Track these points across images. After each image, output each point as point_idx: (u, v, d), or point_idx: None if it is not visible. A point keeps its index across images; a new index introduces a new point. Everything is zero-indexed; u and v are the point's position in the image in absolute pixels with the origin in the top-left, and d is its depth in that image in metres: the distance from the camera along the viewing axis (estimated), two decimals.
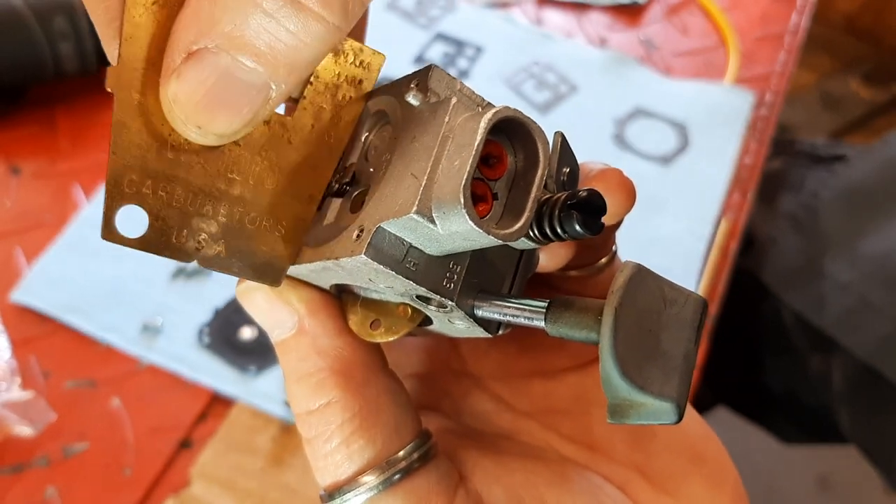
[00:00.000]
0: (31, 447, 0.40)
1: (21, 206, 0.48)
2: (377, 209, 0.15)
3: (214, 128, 0.15)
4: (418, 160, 0.15)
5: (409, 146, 0.16)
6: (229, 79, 0.14)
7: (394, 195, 0.15)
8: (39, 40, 0.49)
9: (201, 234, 0.16)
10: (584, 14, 0.61)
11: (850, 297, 0.48)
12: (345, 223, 0.16)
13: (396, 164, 0.16)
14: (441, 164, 0.14)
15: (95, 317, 0.44)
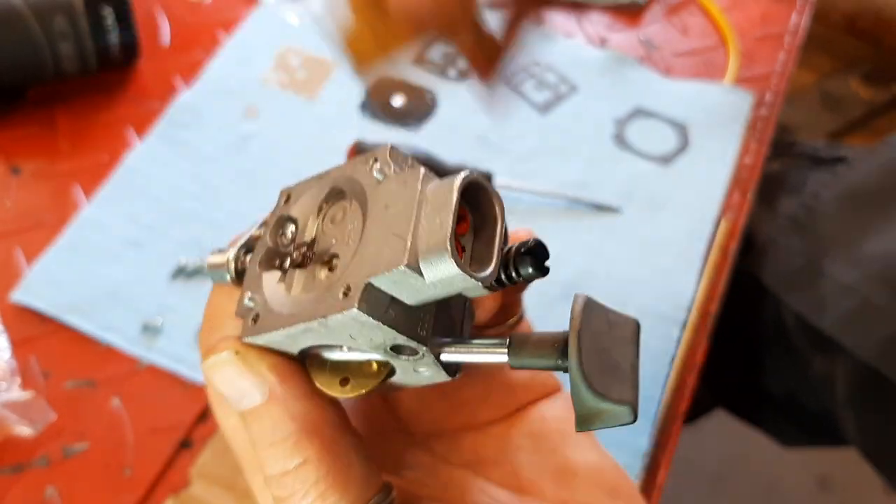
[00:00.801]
0: (30, 447, 0.40)
1: (21, 206, 0.48)
2: (360, 268, 0.17)
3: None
4: (398, 222, 0.17)
5: (382, 212, 0.18)
6: None
7: (377, 254, 0.17)
8: (39, 40, 0.49)
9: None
10: (584, 14, 0.61)
11: (852, 298, 0.47)
12: (316, 289, 0.19)
13: (372, 228, 0.18)
14: (421, 224, 0.17)
15: (95, 317, 0.44)
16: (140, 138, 0.51)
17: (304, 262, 0.20)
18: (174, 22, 0.57)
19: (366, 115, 0.54)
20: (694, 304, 0.47)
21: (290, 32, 0.57)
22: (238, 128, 0.52)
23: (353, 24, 0.24)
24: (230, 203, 0.49)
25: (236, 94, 0.54)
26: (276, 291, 0.19)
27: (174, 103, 0.53)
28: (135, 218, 0.48)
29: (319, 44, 0.57)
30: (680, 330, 0.46)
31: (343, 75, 0.55)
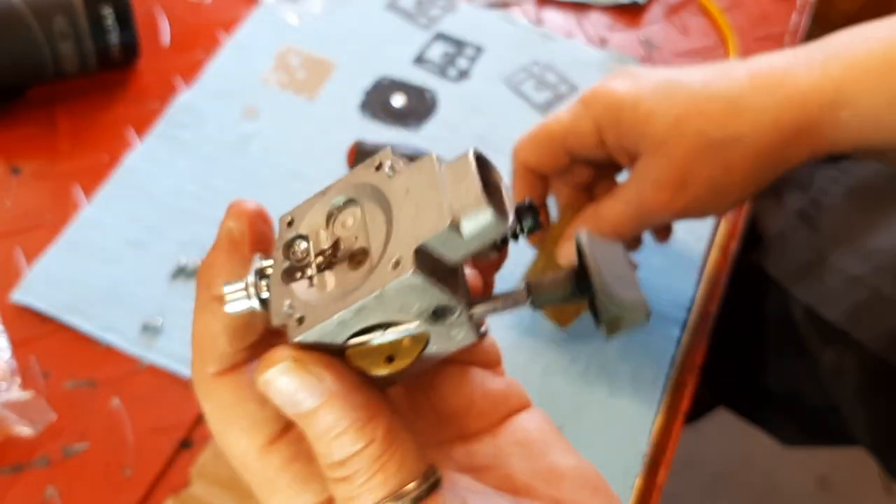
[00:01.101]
0: (30, 447, 0.40)
1: (21, 205, 0.48)
2: (402, 243, 0.19)
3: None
4: (426, 198, 0.19)
5: (406, 197, 0.20)
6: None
7: (416, 227, 0.19)
8: (39, 40, 0.49)
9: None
10: (584, 14, 0.61)
11: (862, 290, 0.47)
12: (354, 281, 0.20)
13: (400, 211, 0.20)
14: (448, 193, 0.19)
15: (95, 317, 0.44)
16: (140, 138, 0.51)
17: (331, 264, 0.20)
18: (174, 22, 0.57)
19: (366, 115, 0.54)
20: (694, 305, 0.47)
21: (290, 32, 0.57)
22: (238, 128, 0.52)
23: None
24: (230, 203, 0.49)
25: (236, 93, 0.54)
26: (312, 294, 0.20)
27: (174, 103, 0.53)
28: (135, 218, 0.48)
29: (319, 44, 0.57)
30: (680, 330, 0.46)
31: (343, 75, 0.56)
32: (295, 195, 0.56)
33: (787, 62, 0.37)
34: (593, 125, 0.38)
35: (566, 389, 0.44)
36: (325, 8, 0.59)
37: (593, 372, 0.44)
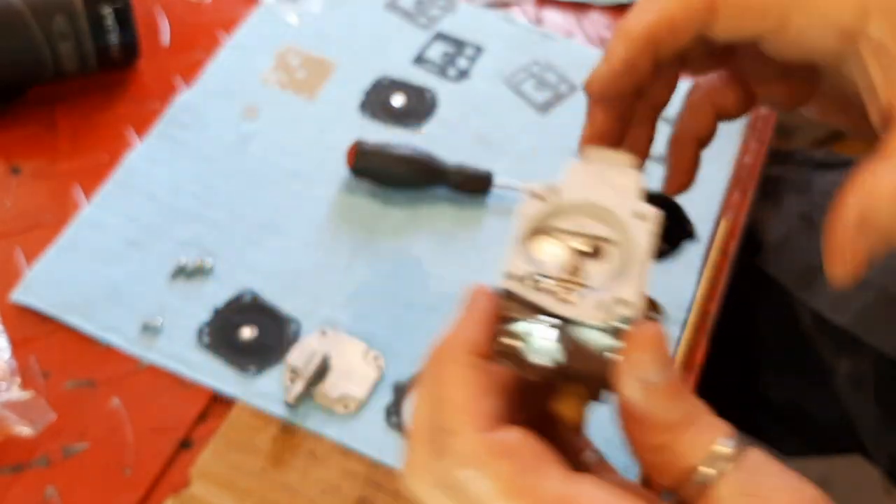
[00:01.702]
0: (30, 447, 0.40)
1: (21, 205, 0.48)
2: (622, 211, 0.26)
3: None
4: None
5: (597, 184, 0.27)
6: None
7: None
8: (39, 40, 0.49)
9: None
10: (584, 14, 0.61)
11: (869, 292, 0.47)
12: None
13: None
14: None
15: (95, 317, 0.44)
16: (140, 138, 0.51)
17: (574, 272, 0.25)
18: (174, 22, 0.57)
19: (365, 115, 0.54)
20: (694, 304, 0.47)
21: (290, 32, 0.57)
22: (238, 127, 0.52)
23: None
24: (230, 203, 0.49)
25: (236, 93, 0.54)
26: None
27: (174, 103, 0.53)
28: (135, 218, 0.48)
29: (319, 43, 0.57)
30: (680, 330, 0.46)
31: (343, 75, 0.56)
32: (295, 195, 0.56)
33: None
34: (861, 4, 0.24)
35: None
36: (324, 8, 0.59)
37: None
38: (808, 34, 0.25)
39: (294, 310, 0.45)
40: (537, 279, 0.24)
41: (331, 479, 0.40)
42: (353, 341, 0.44)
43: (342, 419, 0.41)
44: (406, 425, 0.25)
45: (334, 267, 0.47)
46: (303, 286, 0.46)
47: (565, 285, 0.24)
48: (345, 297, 0.46)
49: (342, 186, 0.50)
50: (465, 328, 0.24)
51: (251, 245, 0.47)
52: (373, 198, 0.50)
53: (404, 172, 0.49)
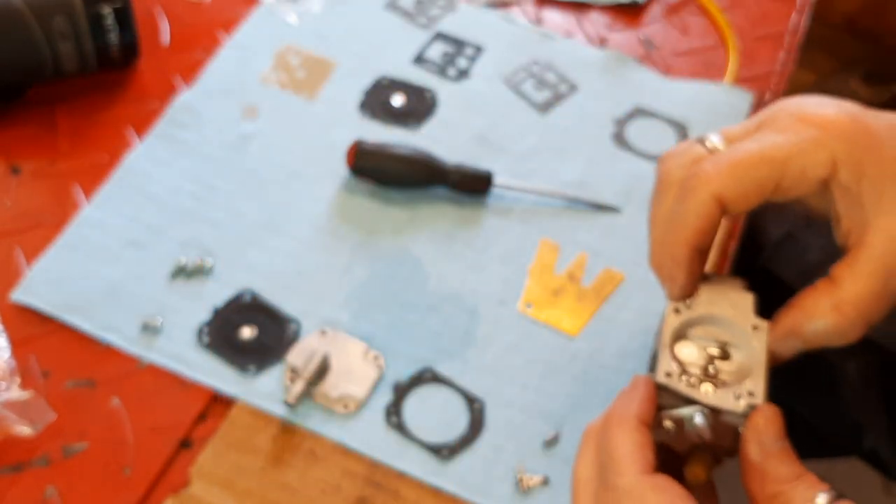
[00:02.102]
0: (30, 447, 0.40)
1: (21, 205, 0.48)
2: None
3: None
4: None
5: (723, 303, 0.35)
6: None
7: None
8: (39, 40, 0.49)
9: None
10: (584, 14, 0.61)
11: None
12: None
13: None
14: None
15: (95, 316, 0.44)
16: (140, 138, 0.51)
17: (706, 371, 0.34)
18: (174, 22, 0.57)
19: (365, 115, 0.54)
20: None
21: (290, 32, 0.57)
22: (238, 127, 0.52)
23: None
24: (230, 203, 0.49)
25: (236, 93, 0.54)
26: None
27: (174, 103, 0.53)
28: (134, 217, 0.48)
29: (319, 43, 0.57)
30: None
31: (343, 75, 0.56)
32: (295, 195, 0.56)
33: None
34: (830, 158, 0.31)
35: (566, 389, 0.44)
36: (324, 8, 0.59)
37: (593, 371, 0.44)
38: (796, 190, 0.32)
39: (294, 309, 0.45)
40: (687, 375, 0.32)
41: (331, 478, 0.40)
42: (353, 341, 0.44)
43: (342, 419, 0.41)
44: (572, 477, 0.33)
45: (334, 267, 0.47)
46: (303, 286, 0.46)
47: (705, 380, 0.32)
48: (344, 297, 0.46)
49: (342, 186, 0.50)
50: (632, 403, 0.31)
51: (251, 245, 0.47)
52: (373, 197, 0.50)
53: (404, 172, 0.49)
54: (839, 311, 0.32)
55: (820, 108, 0.32)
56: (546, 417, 0.43)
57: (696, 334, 0.34)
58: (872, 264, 0.31)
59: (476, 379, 0.43)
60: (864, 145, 0.31)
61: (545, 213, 0.50)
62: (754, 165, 0.31)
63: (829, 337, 0.33)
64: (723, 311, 0.34)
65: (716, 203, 0.32)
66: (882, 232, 0.31)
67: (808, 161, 0.31)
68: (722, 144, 0.33)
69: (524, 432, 0.42)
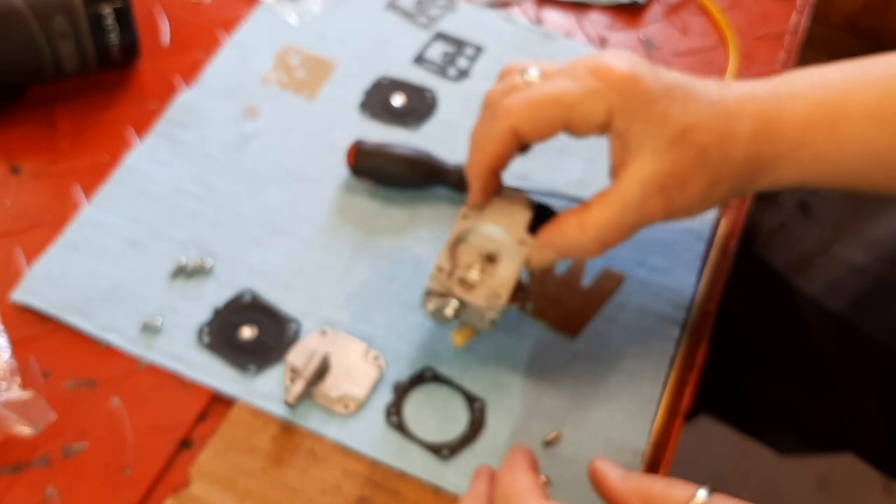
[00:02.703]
0: (30, 447, 0.40)
1: (21, 205, 0.48)
2: (512, 232, 0.41)
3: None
4: (513, 202, 0.42)
5: (502, 213, 0.42)
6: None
7: (515, 218, 0.42)
8: (39, 39, 0.49)
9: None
10: (584, 14, 0.61)
11: (866, 279, 0.47)
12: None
13: (502, 224, 0.41)
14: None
15: (95, 316, 0.44)
16: (140, 138, 0.51)
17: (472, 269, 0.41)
18: (174, 21, 0.57)
19: (365, 115, 0.54)
20: (694, 304, 0.47)
21: (290, 32, 0.57)
22: (238, 127, 0.52)
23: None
24: (230, 202, 0.49)
25: (236, 93, 0.54)
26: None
27: (174, 103, 0.53)
28: (135, 217, 0.48)
29: (319, 43, 0.57)
30: (680, 329, 0.46)
31: (343, 75, 0.56)
32: (295, 195, 0.56)
33: (763, 88, 0.39)
34: (606, 107, 0.37)
35: (566, 389, 0.44)
36: (324, 7, 0.59)
37: (593, 371, 0.44)
38: (582, 130, 0.38)
39: (294, 309, 0.45)
40: (454, 273, 0.40)
41: (331, 478, 0.40)
42: (353, 341, 0.44)
43: (342, 419, 0.41)
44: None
45: (334, 267, 0.47)
46: (303, 286, 0.46)
47: (465, 279, 0.40)
48: (345, 297, 0.46)
49: (342, 186, 0.50)
50: (521, 457, 0.34)
51: (251, 244, 0.47)
52: (373, 197, 0.50)
53: (404, 172, 0.49)
54: (582, 230, 0.38)
55: (612, 61, 0.37)
56: (546, 417, 0.43)
57: (474, 240, 0.41)
58: (618, 198, 0.37)
59: (476, 378, 0.43)
60: (638, 101, 0.36)
61: None
62: (547, 105, 0.37)
63: (572, 250, 0.39)
64: (501, 223, 0.40)
65: (512, 134, 0.38)
66: (632, 174, 0.37)
67: (590, 108, 0.37)
68: (538, 79, 0.38)
69: (524, 432, 0.42)
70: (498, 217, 0.41)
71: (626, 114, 0.37)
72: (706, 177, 0.37)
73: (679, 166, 0.37)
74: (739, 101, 0.38)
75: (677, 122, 0.37)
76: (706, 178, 0.37)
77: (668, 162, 0.37)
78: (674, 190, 0.37)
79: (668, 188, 0.37)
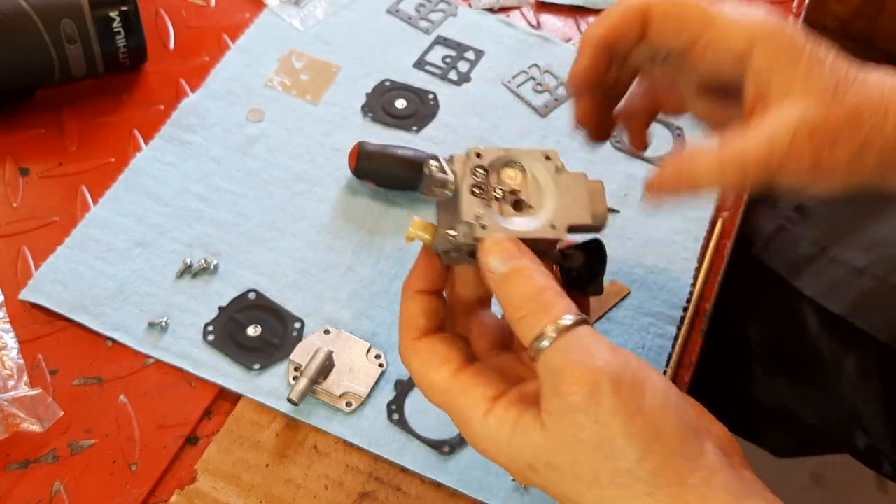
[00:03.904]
0: (38, 443, 0.40)
1: (29, 206, 0.49)
2: (561, 215, 0.32)
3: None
4: (579, 199, 0.33)
5: (566, 191, 0.33)
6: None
7: (569, 211, 0.32)
8: (47, 44, 0.49)
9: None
10: (582, 17, 0.62)
11: (867, 280, 0.47)
12: (514, 217, 0.32)
13: (561, 196, 0.33)
14: (588, 203, 0.33)
15: (102, 315, 0.44)
16: (146, 140, 0.52)
17: (502, 199, 0.32)
18: (180, 26, 0.58)
19: (368, 118, 0.54)
20: (690, 303, 0.48)
21: (295, 36, 0.58)
22: (243, 130, 0.53)
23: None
24: (235, 203, 0.50)
25: (241, 96, 0.54)
26: (486, 211, 0.31)
27: (180, 106, 0.53)
28: (141, 218, 0.48)
29: (323, 47, 0.58)
30: (676, 328, 0.47)
31: (346, 78, 0.56)
32: (298, 196, 0.57)
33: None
34: (749, 38, 0.34)
35: None
36: (328, 12, 0.60)
37: None
38: (712, 52, 0.34)
39: (298, 309, 0.46)
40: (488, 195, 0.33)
41: (334, 474, 0.41)
42: (355, 339, 0.44)
43: (345, 416, 0.42)
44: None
45: (337, 266, 0.48)
46: (306, 285, 0.47)
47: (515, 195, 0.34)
48: (347, 297, 0.46)
49: (345, 188, 0.51)
50: (410, 276, 0.35)
51: (255, 245, 0.48)
52: (375, 199, 0.51)
53: (406, 174, 0.50)
54: (722, 164, 0.34)
55: (760, 8, 0.35)
56: None
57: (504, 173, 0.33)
58: (765, 134, 0.33)
59: None
60: (785, 44, 0.34)
61: None
62: (689, 5, 0.35)
63: (702, 184, 0.35)
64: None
65: (641, 11, 0.35)
66: (781, 114, 0.33)
67: (732, 28, 0.34)
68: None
69: None
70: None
71: (771, 51, 0.33)
72: (857, 140, 0.33)
73: (831, 120, 0.33)
74: (890, 79, 0.34)
75: (831, 74, 0.33)
76: (857, 141, 0.33)
77: (820, 110, 0.33)
78: (824, 142, 0.33)
79: (818, 138, 0.33)
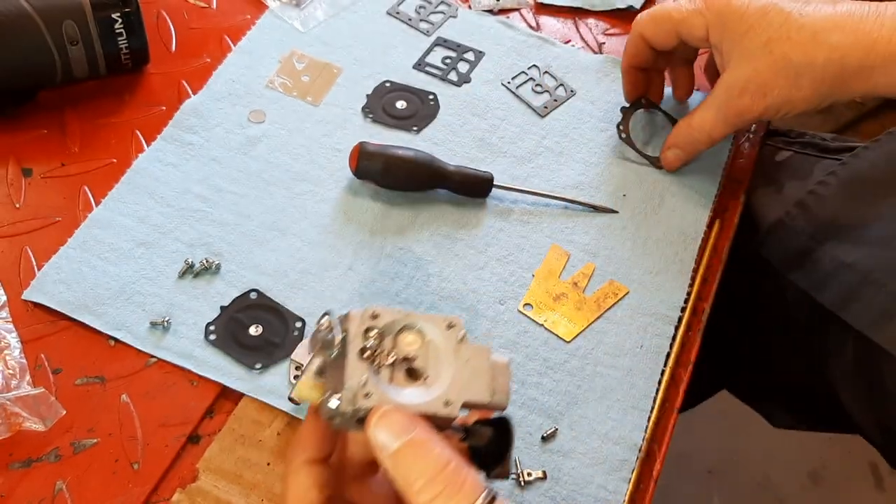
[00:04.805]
0: (41, 442, 0.41)
1: (32, 206, 0.49)
2: (456, 391, 0.31)
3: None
4: (479, 374, 0.31)
5: (465, 364, 0.31)
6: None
7: (467, 387, 0.31)
8: (49, 45, 0.50)
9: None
10: (581, 19, 0.62)
11: (853, 274, 0.48)
12: (406, 387, 0.31)
13: (459, 370, 0.31)
14: (490, 380, 0.32)
15: (104, 315, 0.45)
16: (148, 141, 0.52)
17: (394, 366, 0.31)
18: (182, 27, 0.58)
19: (368, 119, 0.55)
20: (688, 303, 0.48)
21: (296, 38, 0.58)
22: (244, 131, 0.53)
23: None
24: (236, 204, 0.50)
25: (242, 97, 0.55)
26: (373, 378, 0.30)
27: (182, 107, 0.54)
28: (143, 218, 0.49)
29: (323, 49, 0.58)
30: (674, 328, 0.47)
31: (346, 79, 0.57)
32: (299, 196, 0.57)
33: (869, 10, 0.44)
34: (704, 23, 0.47)
35: (564, 385, 0.45)
36: (328, 14, 0.60)
37: (589, 369, 0.45)
38: (691, 41, 0.49)
39: (299, 308, 0.46)
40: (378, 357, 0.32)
41: None
42: None
43: None
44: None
45: (338, 266, 0.48)
46: (307, 285, 0.47)
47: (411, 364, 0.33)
48: (348, 296, 0.47)
49: (346, 188, 0.51)
50: (296, 447, 0.33)
51: (257, 245, 0.48)
52: (376, 199, 0.51)
53: (406, 174, 0.50)
54: (690, 127, 0.50)
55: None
56: (544, 413, 0.44)
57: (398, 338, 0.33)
58: (711, 100, 0.48)
59: None
60: (730, 19, 0.46)
61: (544, 214, 0.51)
62: (663, 20, 0.49)
63: (690, 145, 0.51)
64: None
65: (641, 38, 0.51)
66: (722, 80, 0.47)
67: (693, 24, 0.48)
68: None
69: (523, 428, 0.43)
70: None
71: (719, 30, 0.46)
72: (787, 80, 0.44)
73: (759, 73, 0.45)
74: (835, 16, 0.44)
75: (761, 35, 0.44)
76: (787, 81, 0.44)
77: (748, 69, 0.45)
78: (755, 93, 0.45)
79: (748, 91, 0.46)
